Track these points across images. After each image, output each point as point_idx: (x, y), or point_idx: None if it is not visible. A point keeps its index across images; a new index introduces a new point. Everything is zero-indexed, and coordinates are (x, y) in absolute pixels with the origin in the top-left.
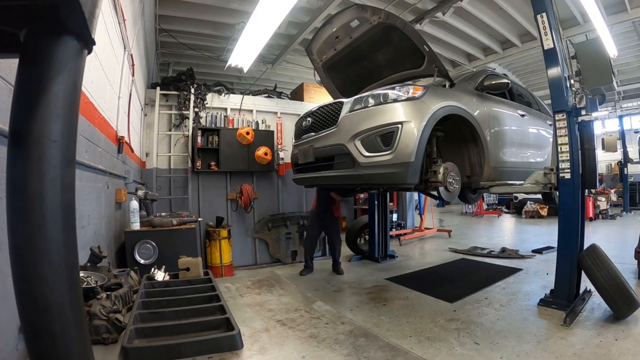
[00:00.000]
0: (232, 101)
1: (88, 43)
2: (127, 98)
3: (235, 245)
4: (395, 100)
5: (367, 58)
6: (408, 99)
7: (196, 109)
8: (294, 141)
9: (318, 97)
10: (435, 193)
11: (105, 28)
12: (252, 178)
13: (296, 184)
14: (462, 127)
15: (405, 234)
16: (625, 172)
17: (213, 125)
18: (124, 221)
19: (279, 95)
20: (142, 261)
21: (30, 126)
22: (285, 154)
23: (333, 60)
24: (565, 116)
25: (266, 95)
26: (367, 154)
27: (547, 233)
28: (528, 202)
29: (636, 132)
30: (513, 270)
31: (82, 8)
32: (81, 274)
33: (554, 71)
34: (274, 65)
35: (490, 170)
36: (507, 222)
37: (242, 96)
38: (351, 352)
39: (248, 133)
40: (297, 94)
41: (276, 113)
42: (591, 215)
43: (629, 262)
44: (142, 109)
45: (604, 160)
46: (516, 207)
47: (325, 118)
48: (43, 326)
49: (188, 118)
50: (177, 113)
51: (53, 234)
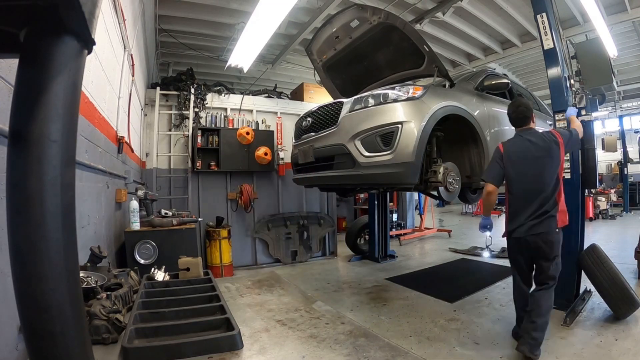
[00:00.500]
0: (232, 101)
1: (88, 43)
2: (127, 98)
3: (235, 245)
4: (395, 100)
5: (367, 58)
6: (408, 99)
7: (196, 109)
8: (294, 141)
9: (318, 97)
10: (435, 193)
11: (105, 28)
12: (252, 178)
13: (296, 184)
14: (462, 127)
15: (405, 234)
16: (625, 172)
17: (213, 125)
18: (124, 221)
19: (279, 95)
20: (142, 261)
21: (30, 126)
22: (285, 154)
23: (333, 60)
24: (565, 116)
25: (266, 95)
26: (367, 154)
27: None
28: None
29: (636, 132)
30: None
31: (82, 8)
32: (81, 274)
33: (554, 71)
34: (274, 65)
35: None
36: None
37: (242, 96)
38: (351, 352)
39: (248, 133)
40: (297, 94)
41: (276, 113)
42: (591, 215)
43: (629, 262)
44: (142, 109)
45: (604, 160)
46: None
47: (325, 118)
48: (43, 326)
49: (188, 118)
50: (177, 113)
51: (53, 234)
